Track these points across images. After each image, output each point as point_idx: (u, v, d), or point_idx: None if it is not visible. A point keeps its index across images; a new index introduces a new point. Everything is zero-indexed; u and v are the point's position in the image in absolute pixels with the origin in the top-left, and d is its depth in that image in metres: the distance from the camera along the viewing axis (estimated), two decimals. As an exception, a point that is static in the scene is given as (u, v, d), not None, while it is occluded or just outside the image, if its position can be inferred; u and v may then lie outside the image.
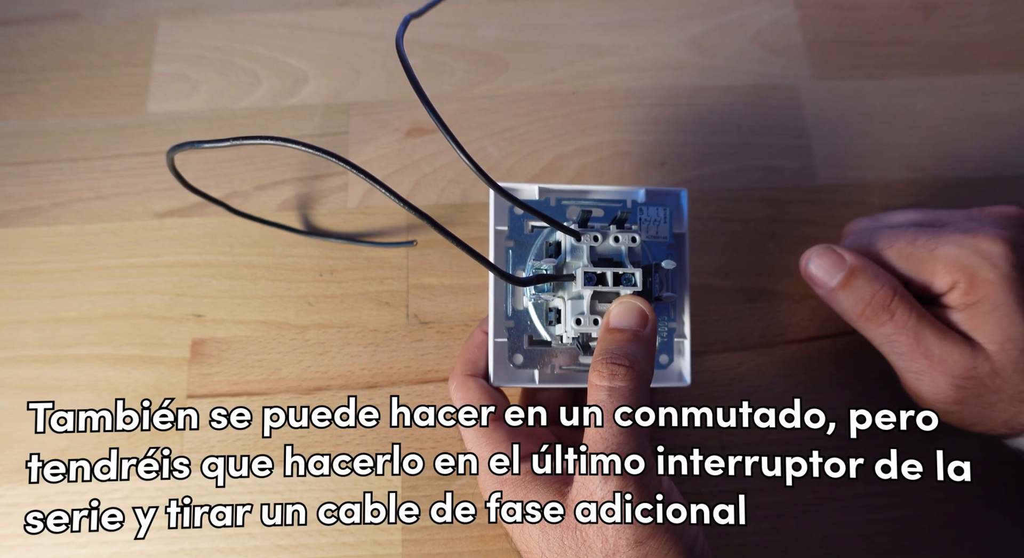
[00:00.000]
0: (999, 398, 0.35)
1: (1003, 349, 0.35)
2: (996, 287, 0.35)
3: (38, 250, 0.45)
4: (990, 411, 0.35)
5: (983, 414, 0.36)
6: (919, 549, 0.39)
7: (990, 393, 0.35)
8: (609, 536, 0.30)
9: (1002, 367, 0.35)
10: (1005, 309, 0.34)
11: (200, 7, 0.52)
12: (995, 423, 0.36)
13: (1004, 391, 0.35)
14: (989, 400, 0.35)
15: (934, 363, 0.35)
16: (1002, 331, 0.35)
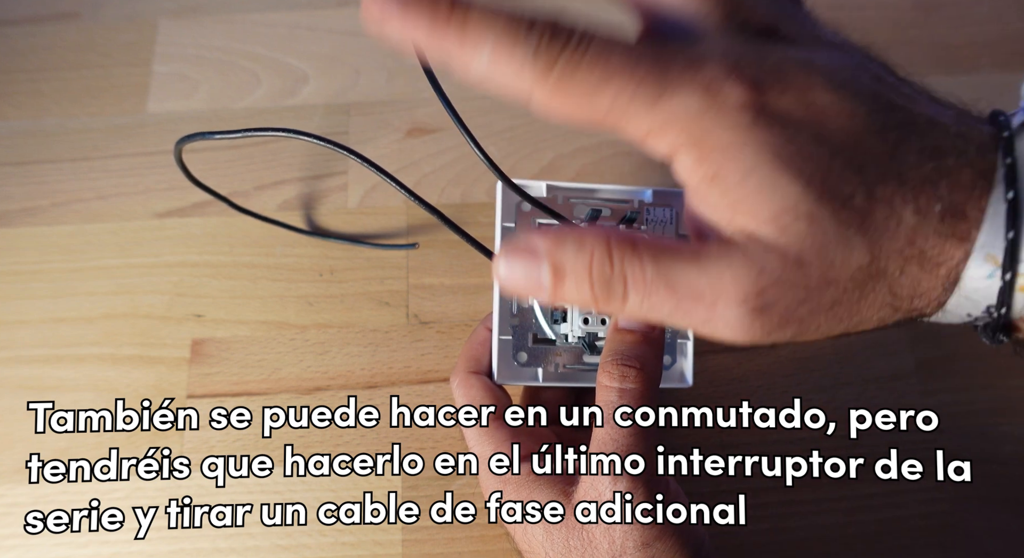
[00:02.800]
0: (834, 288, 0.24)
1: (778, 226, 0.23)
2: (735, 149, 0.23)
3: (38, 250, 0.45)
4: (843, 309, 0.25)
5: (838, 316, 0.25)
6: (919, 549, 0.39)
7: (818, 288, 0.24)
8: (616, 537, 0.30)
9: (794, 249, 0.23)
10: (761, 174, 0.23)
11: (200, 7, 0.52)
12: (868, 315, 0.25)
13: (831, 277, 0.24)
14: (824, 298, 0.24)
15: (715, 302, 0.24)
16: (764, 203, 0.23)
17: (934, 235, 0.24)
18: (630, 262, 0.24)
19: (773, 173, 0.23)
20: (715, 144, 0.23)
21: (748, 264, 0.23)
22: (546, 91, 0.23)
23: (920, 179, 0.24)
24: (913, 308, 0.25)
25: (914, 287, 0.25)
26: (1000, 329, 0.26)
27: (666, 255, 0.24)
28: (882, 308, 0.25)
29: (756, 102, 0.23)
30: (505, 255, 0.25)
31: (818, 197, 0.23)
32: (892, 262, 0.24)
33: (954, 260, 0.24)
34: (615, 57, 0.23)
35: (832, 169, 0.23)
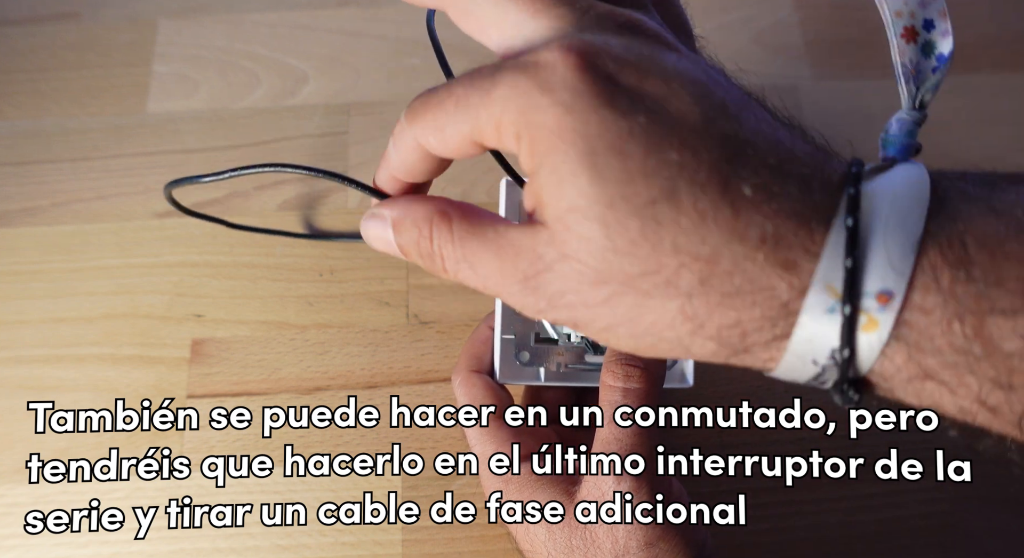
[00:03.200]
0: (606, 287, 0.23)
1: (564, 223, 0.23)
2: (553, 134, 0.23)
3: (38, 250, 0.45)
4: (622, 311, 0.24)
5: (617, 316, 0.24)
6: (919, 549, 0.39)
7: (591, 284, 0.24)
8: (619, 537, 0.30)
9: (571, 247, 0.23)
10: (565, 166, 0.23)
11: (200, 7, 0.52)
12: (640, 329, 0.24)
13: (609, 278, 0.23)
14: (596, 294, 0.24)
15: (502, 280, 0.25)
16: (560, 199, 0.23)
17: (745, 259, 0.22)
18: (444, 240, 0.26)
19: (575, 168, 0.23)
20: (540, 127, 0.23)
21: (531, 248, 0.24)
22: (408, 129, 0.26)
23: (743, 198, 0.22)
24: (727, 340, 0.23)
25: (720, 313, 0.23)
26: (849, 382, 0.23)
27: (472, 236, 0.25)
28: (677, 326, 0.23)
29: (581, 80, 0.22)
30: (365, 219, 0.28)
31: (610, 201, 0.22)
32: (684, 279, 0.23)
33: (776, 291, 0.22)
34: (454, 82, 0.25)
35: (642, 170, 0.22)
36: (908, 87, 0.30)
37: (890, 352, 0.22)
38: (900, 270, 0.21)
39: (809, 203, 0.22)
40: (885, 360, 0.22)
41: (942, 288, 0.21)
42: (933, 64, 0.31)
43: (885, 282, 0.22)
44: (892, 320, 0.22)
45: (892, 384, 0.23)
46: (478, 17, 0.25)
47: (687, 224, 0.22)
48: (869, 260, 0.22)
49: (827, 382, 0.24)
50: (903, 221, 0.22)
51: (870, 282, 0.22)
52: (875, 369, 0.23)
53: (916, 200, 0.23)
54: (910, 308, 0.22)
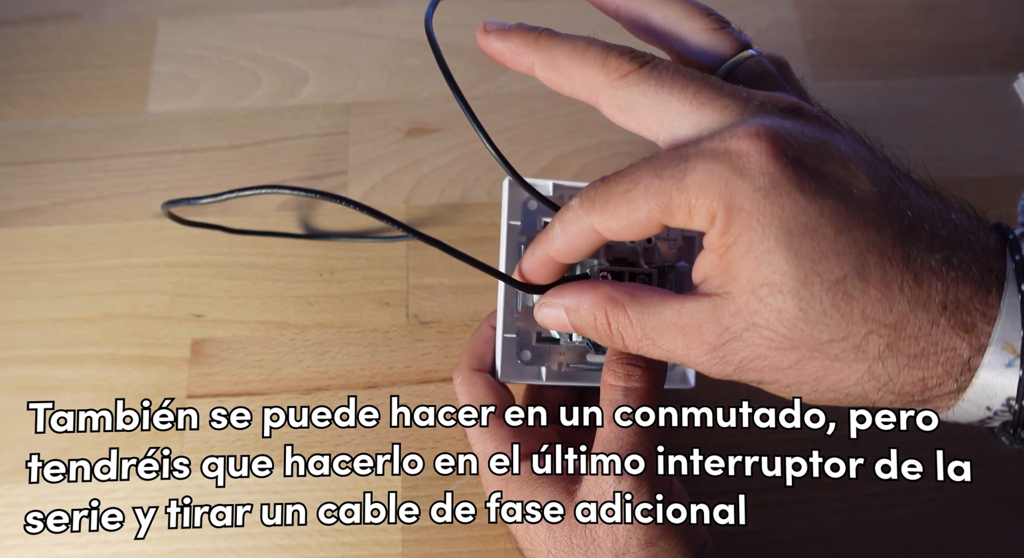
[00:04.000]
0: (796, 353, 0.26)
1: (757, 296, 0.25)
2: (751, 216, 0.25)
3: (38, 250, 0.45)
4: (808, 373, 0.26)
5: (803, 377, 0.26)
6: (919, 549, 0.39)
7: (779, 350, 0.26)
8: (620, 536, 0.30)
9: (762, 318, 0.25)
10: (761, 246, 0.25)
11: (200, 7, 0.52)
12: (824, 387, 0.27)
13: (799, 345, 0.26)
14: (785, 359, 0.26)
15: (688, 349, 0.27)
16: (754, 274, 0.25)
17: (930, 324, 0.25)
18: (623, 325, 0.28)
19: (772, 247, 0.25)
20: (739, 210, 0.25)
21: (716, 321, 0.26)
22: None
23: (925, 267, 0.25)
24: (908, 393, 0.26)
25: (906, 373, 0.25)
26: (1020, 425, 0.26)
27: (650, 317, 0.28)
28: (863, 383, 0.26)
29: (775, 166, 0.25)
30: (540, 308, 0.31)
31: (804, 278, 0.25)
32: (872, 344, 0.25)
33: (958, 351, 0.25)
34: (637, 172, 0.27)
35: (833, 249, 0.24)
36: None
37: None
38: None
39: (977, 269, 0.25)
40: None
41: None
42: None
43: None
44: None
45: None
46: (637, 113, 0.28)
47: (875, 295, 0.25)
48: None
49: (994, 424, 0.27)
50: None
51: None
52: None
53: None
54: None
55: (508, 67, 0.31)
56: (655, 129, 0.28)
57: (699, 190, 0.25)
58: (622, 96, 0.28)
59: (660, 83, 0.27)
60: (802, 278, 0.24)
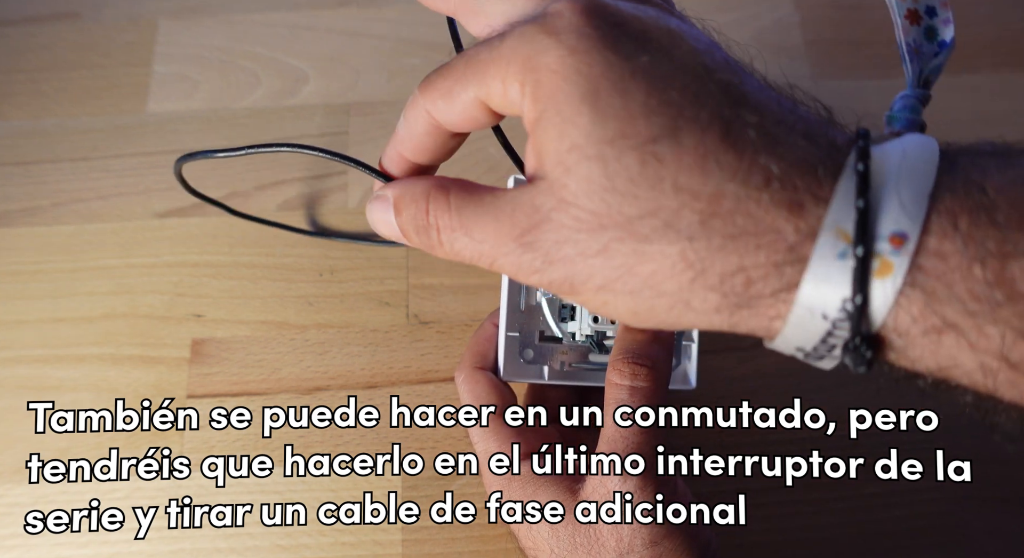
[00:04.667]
0: (604, 233, 0.23)
1: (564, 165, 0.23)
2: (556, 75, 0.23)
3: (38, 250, 0.45)
4: (619, 259, 0.23)
5: (614, 266, 0.23)
6: (919, 549, 0.39)
7: (588, 231, 0.23)
8: (624, 535, 0.30)
9: (569, 191, 0.23)
10: (567, 107, 0.22)
11: (200, 7, 0.52)
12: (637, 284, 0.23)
13: (607, 223, 0.22)
14: (593, 242, 0.23)
15: (498, 241, 0.24)
16: (561, 140, 0.23)
17: (749, 199, 0.22)
18: (441, 210, 0.26)
19: (578, 106, 0.22)
20: (544, 69, 0.23)
21: (528, 203, 0.24)
22: None
23: (747, 140, 0.22)
24: (731, 291, 0.22)
25: (722, 258, 0.22)
26: (862, 338, 0.22)
27: (469, 201, 0.25)
28: (678, 275, 0.22)
29: (587, 24, 0.23)
30: (370, 202, 0.28)
31: (610, 139, 0.22)
32: (684, 220, 0.22)
33: (781, 233, 0.21)
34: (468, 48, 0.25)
35: (644, 108, 0.22)
36: (912, 66, 0.31)
37: (905, 301, 0.21)
38: (913, 213, 0.21)
39: (815, 153, 0.22)
40: (900, 311, 0.21)
41: (960, 232, 0.21)
42: (935, 49, 0.32)
43: (898, 224, 0.21)
44: (907, 263, 0.21)
45: (907, 341, 0.22)
46: (487, 13, 0.26)
47: (689, 162, 0.22)
48: (881, 203, 0.21)
49: (837, 345, 0.22)
50: (913, 170, 0.22)
51: (883, 225, 0.21)
52: (889, 323, 0.21)
53: (927, 153, 0.22)
54: (925, 252, 0.21)
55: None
56: (501, 27, 0.26)
57: (510, 55, 0.23)
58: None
59: None
60: (608, 138, 0.22)
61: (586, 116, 0.22)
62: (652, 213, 0.22)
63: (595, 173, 0.22)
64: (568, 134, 0.22)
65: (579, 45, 0.23)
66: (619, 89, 0.22)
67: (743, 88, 0.23)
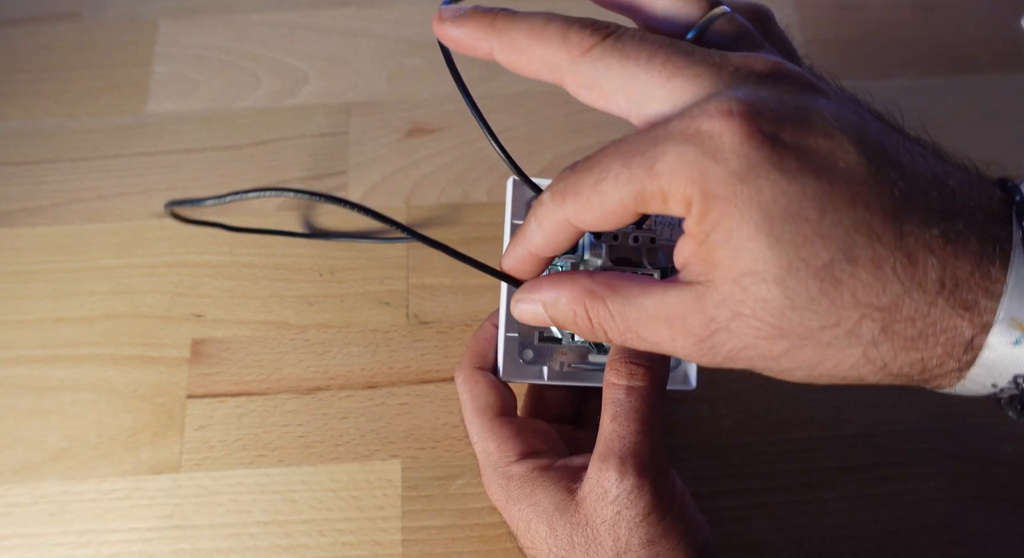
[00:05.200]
0: (786, 341, 0.24)
1: (740, 286, 0.24)
2: (728, 202, 0.23)
3: (38, 250, 0.45)
4: (800, 359, 0.25)
5: (794, 362, 0.25)
6: (919, 549, 0.39)
7: (767, 339, 0.25)
8: (621, 534, 0.30)
9: (747, 307, 0.24)
10: (741, 233, 0.23)
11: (200, 7, 0.52)
12: (819, 372, 0.25)
13: (788, 333, 0.24)
14: (774, 348, 0.25)
15: (673, 339, 0.26)
16: (735, 262, 0.23)
17: (927, 305, 0.23)
18: (604, 319, 0.27)
19: (751, 234, 0.23)
20: (714, 196, 0.23)
21: (701, 312, 0.25)
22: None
23: (919, 244, 0.23)
24: (907, 374, 0.24)
25: (904, 355, 0.24)
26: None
27: (631, 309, 0.26)
28: (859, 368, 0.24)
29: (749, 146, 0.23)
30: (515, 303, 0.29)
31: (788, 265, 0.23)
32: (866, 329, 0.23)
33: (959, 330, 0.23)
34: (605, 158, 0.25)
35: (818, 232, 0.23)
36: None
37: None
38: None
39: (977, 241, 0.23)
40: None
41: None
42: None
43: None
44: None
45: None
46: (603, 89, 0.26)
47: (866, 278, 0.23)
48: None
49: (1001, 397, 0.25)
50: None
51: None
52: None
53: None
54: None
55: (467, 54, 0.29)
56: (624, 105, 0.26)
57: (671, 177, 0.24)
58: (586, 72, 0.26)
59: (625, 55, 0.25)
60: (786, 265, 0.23)
61: (762, 243, 0.23)
62: (834, 325, 0.23)
63: (774, 295, 0.23)
64: (743, 259, 0.23)
65: (747, 171, 0.23)
66: (791, 215, 0.23)
67: (905, 180, 0.23)
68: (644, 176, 0.24)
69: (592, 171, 0.25)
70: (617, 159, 0.25)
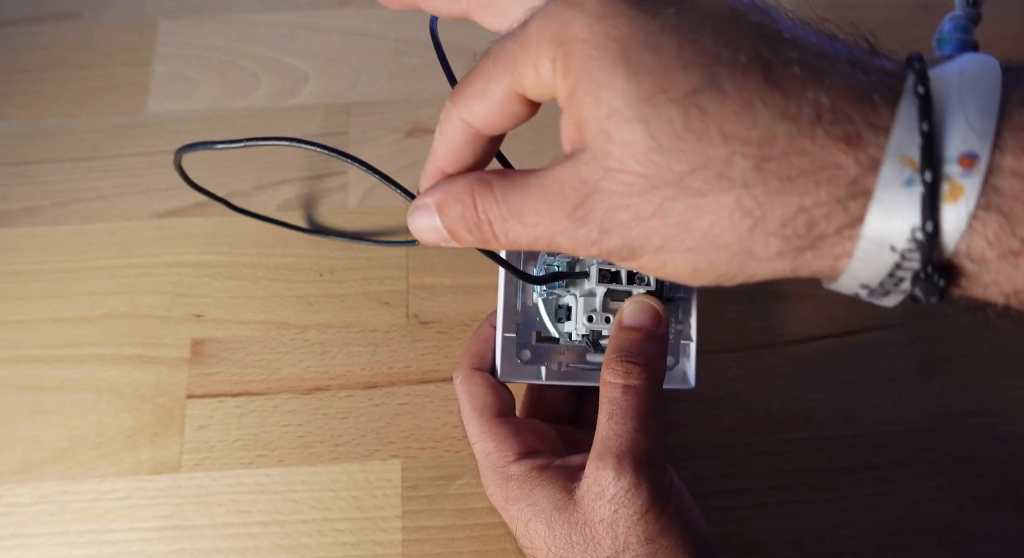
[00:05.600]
0: (656, 193, 0.22)
1: (605, 134, 0.22)
2: (586, 44, 0.22)
3: (38, 250, 0.45)
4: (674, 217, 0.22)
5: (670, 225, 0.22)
6: (919, 549, 0.39)
7: (639, 193, 0.22)
8: (619, 533, 0.30)
9: (615, 158, 0.22)
10: (600, 73, 0.22)
11: (200, 7, 0.52)
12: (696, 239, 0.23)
13: (658, 182, 0.22)
14: (646, 204, 0.22)
15: (552, 219, 0.24)
16: (599, 107, 0.22)
17: (802, 136, 0.21)
18: (488, 203, 0.25)
19: (611, 70, 0.22)
20: (573, 41, 0.22)
21: (574, 177, 0.23)
22: None
23: (791, 77, 0.21)
24: (794, 234, 0.22)
25: (782, 201, 0.21)
26: (934, 269, 0.21)
27: (514, 188, 0.25)
28: (737, 225, 0.22)
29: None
30: (410, 213, 0.27)
31: (649, 96, 0.21)
32: (736, 167, 0.21)
33: (842, 167, 0.21)
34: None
35: (678, 61, 0.21)
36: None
37: (980, 225, 0.20)
38: (982, 131, 0.20)
39: (867, 80, 0.21)
40: (974, 235, 0.20)
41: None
42: None
43: (967, 144, 0.20)
44: (979, 184, 0.20)
45: (981, 266, 0.21)
46: (503, 6, 0.26)
47: (733, 108, 0.21)
48: (946, 124, 0.20)
49: (905, 278, 0.22)
50: (976, 87, 0.21)
51: (950, 146, 0.20)
52: (962, 249, 0.21)
53: (987, 70, 0.21)
54: (1000, 172, 0.20)
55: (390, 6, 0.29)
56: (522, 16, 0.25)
57: (537, 37, 0.23)
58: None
59: None
60: (646, 97, 0.21)
61: (621, 78, 0.22)
62: (702, 165, 0.21)
63: (638, 135, 0.22)
64: (605, 100, 0.22)
65: (603, 10, 0.22)
66: (650, 46, 0.22)
67: (777, 26, 0.22)
68: (515, 47, 0.24)
69: (478, 66, 0.25)
70: (496, 45, 0.24)
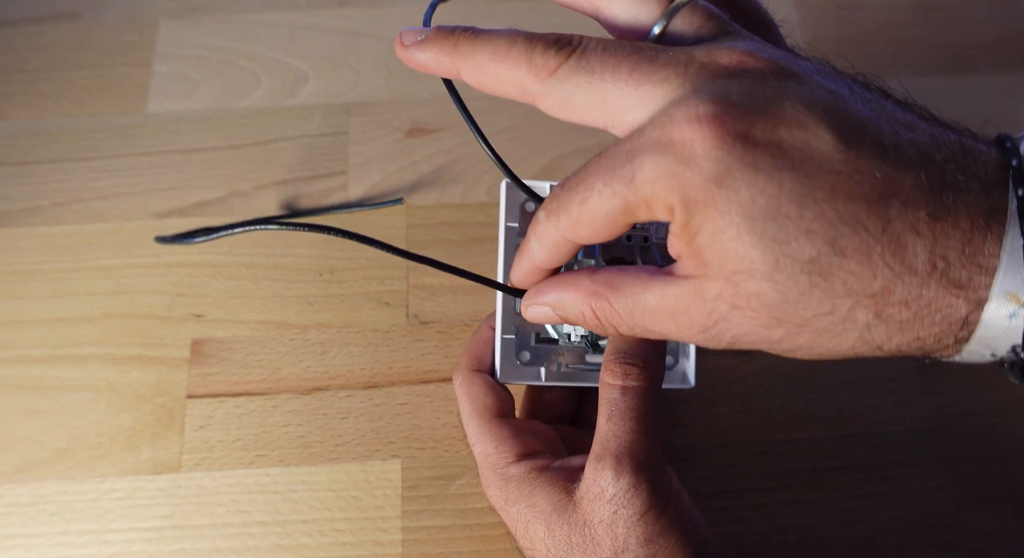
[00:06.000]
0: (784, 328, 0.25)
1: (732, 282, 0.24)
2: (707, 207, 0.23)
3: (38, 250, 0.45)
4: (799, 342, 0.25)
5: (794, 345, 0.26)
6: (919, 549, 0.39)
7: (765, 327, 0.25)
8: (619, 534, 0.30)
9: (742, 301, 0.24)
10: (724, 235, 0.23)
11: (200, 7, 0.52)
12: (819, 352, 0.26)
13: (785, 321, 0.25)
14: (773, 334, 0.25)
15: (680, 329, 0.27)
16: (724, 262, 0.24)
17: (919, 287, 0.23)
18: (611, 317, 0.28)
19: (735, 235, 0.23)
20: (694, 202, 0.23)
21: (700, 305, 0.25)
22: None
23: (906, 228, 0.23)
24: (906, 351, 0.25)
25: (900, 336, 0.24)
26: None
27: (636, 306, 0.27)
28: (857, 348, 0.25)
29: (720, 149, 0.23)
30: (526, 309, 0.30)
31: (775, 263, 0.23)
32: (859, 315, 0.24)
33: (953, 309, 0.23)
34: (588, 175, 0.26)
35: (799, 227, 0.23)
36: None
37: None
38: None
39: (971, 214, 0.23)
40: None
41: None
42: None
43: None
44: None
45: None
46: (577, 107, 0.26)
47: (854, 267, 0.23)
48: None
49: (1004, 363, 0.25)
50: None
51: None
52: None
53: None
54: None
55: (435, 75, 0.30)
56: (600, 119, 0.26)
57: (651, 188, 0.24)
58: (556, 93, 0.26)
59: (591, 71, 0.25)
60: (773, 263, 0.23)
61: (747, 244, 0.23)
62: (828, 313, 0.24)
63: (766, 290, 0.24)
64: (730, 259, 0.24)
65: (720, 174, 0.23)
66: (771, 213, 0.23)
67: (889, 160, 0.23)
68: (626, 190, 0.24)
69: (577, 190, 0.26)
70: (599, 176, 0.25)
